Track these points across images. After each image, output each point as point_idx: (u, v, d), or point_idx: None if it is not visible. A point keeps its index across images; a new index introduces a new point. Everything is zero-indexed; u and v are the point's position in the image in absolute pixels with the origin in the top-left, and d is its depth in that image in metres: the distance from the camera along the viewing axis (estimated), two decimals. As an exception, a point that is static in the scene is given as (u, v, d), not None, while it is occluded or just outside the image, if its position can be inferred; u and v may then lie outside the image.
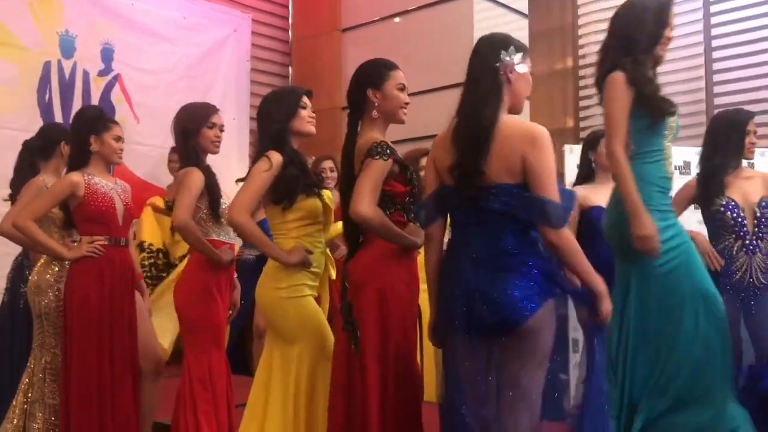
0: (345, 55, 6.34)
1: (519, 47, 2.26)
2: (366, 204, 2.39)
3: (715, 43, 6.55)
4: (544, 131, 2.17)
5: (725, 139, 3.43)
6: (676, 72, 6.73)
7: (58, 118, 4.98)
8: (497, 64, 2.21)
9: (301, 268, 2.75)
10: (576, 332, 3.69)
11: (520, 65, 2.25)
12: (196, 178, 3.09)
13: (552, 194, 2.09)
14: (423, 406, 2.56)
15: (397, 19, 5.97)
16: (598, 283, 2.18)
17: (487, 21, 5.55)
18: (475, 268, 2.15)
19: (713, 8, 6.57)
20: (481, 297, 2.11)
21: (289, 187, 2.76)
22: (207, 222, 3.16)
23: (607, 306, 2.19)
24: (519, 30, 5.78)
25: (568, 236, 2.13)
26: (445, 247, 2.35)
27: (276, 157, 2.73)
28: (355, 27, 6.31)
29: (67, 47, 5.12)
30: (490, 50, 2.24)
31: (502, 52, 2.22)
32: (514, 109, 2.29)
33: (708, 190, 3.40)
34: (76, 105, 5.05)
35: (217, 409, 3.09)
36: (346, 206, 2.54)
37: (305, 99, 2.92)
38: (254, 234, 2.74)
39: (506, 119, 2.20)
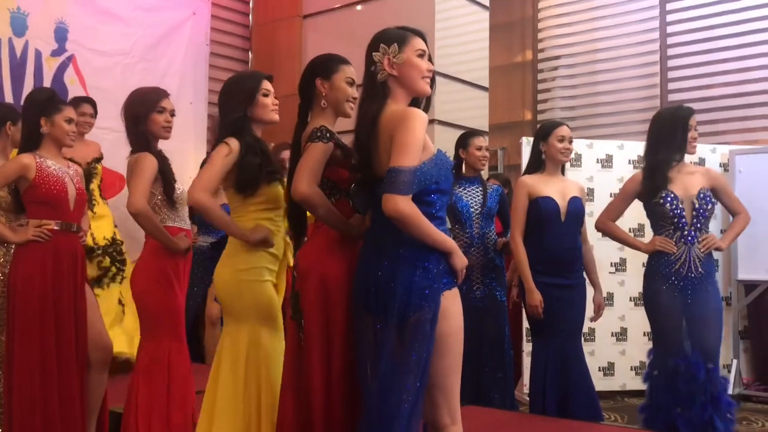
0: (305, 41, 6.30)
1: (392, 39, 2.33)
2: (305, 183, 2.42)
3: (670, 40, 6.68)
4: (414, 111, 2.23)
5: (668, 135, 3.53)
6: (632, 68, 6.85)
7: (8, 98, 4.84)
8: (372, 68, 2.33)
9: (263, 246, 2.76)
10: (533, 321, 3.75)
11: (398, 55, 2.31)
12: (149, 163, 3.04)
13: (400, 162, 2.14)
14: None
15: (359, 7, 5.94)
16: (445, 241, 2.22)
17: (448, 12, 5.57)
18: (376, 255, 2.26)
19: (669, 6, 6.69)
20: (373, 282, 2.22)
21: (251, 176, 2.76)
22: (162, 208, 3.12)
23: (458, 260, 2.23)
24: (479, 22, 5.81)
25: (402, 204, 2.12)
26: None
27: (234, 144, 2.74)
28: (317, 13, 6.27)
29: (19, 25, 4.97)
30: (367, 55, 2.36)
31: (373, 54, 2.33)
32: (415, 94, 2.36)
33: (653, 184, 3.50)
34: (28, 85, 4.92)
35: (174, 397, 3.05)
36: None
37: (267, 85, 2.90)
38: (217, 213, 2.74)
39: (388, 110, 2.29)
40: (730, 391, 4.80)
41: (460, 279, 2.28)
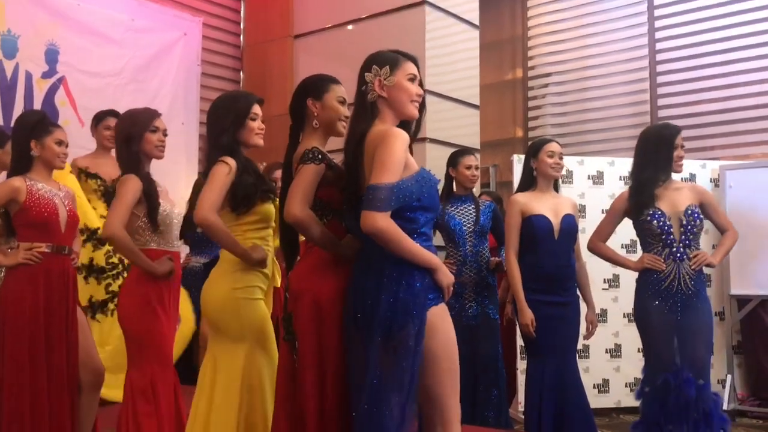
0: (297, 61, 6.31)
1: (385, 61, 2.37)
2: (298, 206, 2.43)
3: (659, 57, 6.74)
4: (395, 130, 2.27)
5: (654, 154, 3.55)
6: (622, 85, 6.90)
7: (-1, 120, 4.84)
8: (363, 88, 2.37)
9: (260, 267, 2.79)
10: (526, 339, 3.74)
11: (389, 78, 2.35)
12: (131, 187, 3.02)
13: (378, 180, 2.16)
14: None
15: (349, 27, 5.97)
16: (427, 257, 2.23)
17: (438, 31, 5.60)
18: (364, 272, 2.28)
19: (657, 23, 6.75)
20: (360, 300, 2.24)
21: (247, 195, 2.78)
22: (145, 231, 3.08)
23: (443, 276, 2.24)
24: (469, 41, 5.84)
25: (380, 221, 2.14)
26: None
27: (232, 162, 2.76)
28: (308, 33, 6.29)
29: (10, 47, 4.97)
30: (359, 75, 2.40)
31: (365, 74, 2.37)
32: (403, 117, 2.40)
33: (639, 202, 3.52)
34: (18, 107, 4.91)
35: (162, 424, 3.01)
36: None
37: (257, 109, 2.91)
38: (224, 232, 2.73)
39: (374, 130, 2.32)
40: (725, 407, 4.80)
41: (447, 295, 2.28)
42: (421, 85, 2.43)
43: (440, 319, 2.25)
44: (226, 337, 2.79)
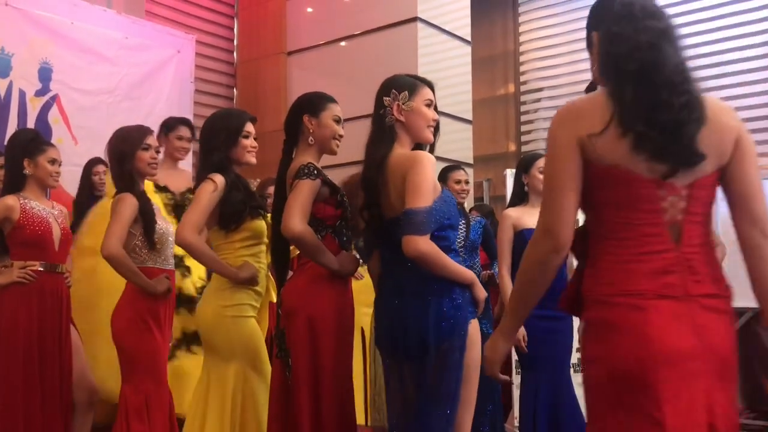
0: (290, 78, 6.34)
1: (403, 86, 2.40)
2: (297, 221, 2.44)
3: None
4: (424, 155, 2.30)
5: None
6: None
7: (-7, 138, 4.84)
8: (381, 111, 2.39)
9: (249, 285, 2.78)
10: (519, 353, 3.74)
11: (408, 103, 2.38)
12: (128, 206, 3.02)
13: (415, 204, 2.19)
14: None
15: (343, 43, 6.00)
16: (465, 273, 2.30)
17: (431, 47, 5.64)
18: (398, 295, 2.31)
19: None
20: (399, 323, 2.27)
21: (235, 212, 2.78)
22: (142, 249, 3.08)
23: (478, 291, 2.31)
24: (462, 56, 5.88)
25: (423, 244, 2.18)
26: None
27: (220, 179, 2.75)
28: (301, 50, 6.33)
29: (3, 66, 4.98)
30: (377, 98, 2.42)
31: (384, 98, 2.40)
32: (418, 140, 2.43)
33: None
34: (12, 125, 4.91)
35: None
36: (277, 231, 2.60)
37: (250, 127, 2.92)
38: (204, 252, 2.74)
39: (396, 153, 2.34)
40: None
41: (481, 308, 2.35)
42: (436, 109, 2.48)
43: (476, 332, 2.32)
44: (217, 356, 2.78)
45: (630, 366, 1.52)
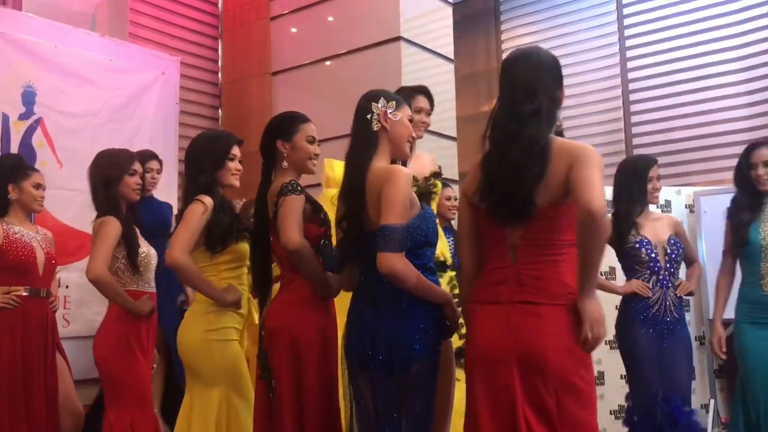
0: (275, 97, 6.35)
1: (390, 98, 2.42)
2: (297, 234, 2.45)
3: (631, 86, 6.86)
4: (400, 169, 2.30)
5: (628, 187, 3.62)
6: (596, 114, 7.00)
7: (-24, 163, 4.80)
8: (368, 116, 2.38)
9: (234, 308, 2.77)
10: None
11: (394, 113, 2.39)
12: (112, 229, 3.03)
13: (390, 220, 2.18)
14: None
15: (327, 63, 6.03)
16: (439, 292, 2.29)
17: (415, 65, 5.67)
18: (372, 310, 2.29)
19: (629, 53, 6.88)
20: (371, 338, 2.25)
21: (223, 233, 2.77)
22: (125, 272, 3.09)
23: (451, 310, 2.30)
24: (445, 74, 5.92)
25: (397, 262, 2.16)
26: None
27: (209, 201, 2.76)
28: (286, 70, 6.34)
29: (-14, 91, 4.96)
30: (363, 105, 2.42)
31: (373, 104, 2.39)
32: (398, 155, 2.44)
33: (620, 231, 3.58)
34: (-5, 150, 4.88)
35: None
36: (258, 252, 2.61)
37: (235, 150, 2.94)
38: (195, 274, 2.73)
39: (375, 166, 2.33)
40: (709, 431, 4.82)
41: (455, 328, 2.33)
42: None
43: (449, 351, 2.34)
44: (200, 381, 2.77)
45: (468, 352, 2.07)
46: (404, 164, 2.51)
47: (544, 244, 2.01)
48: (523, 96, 2.09)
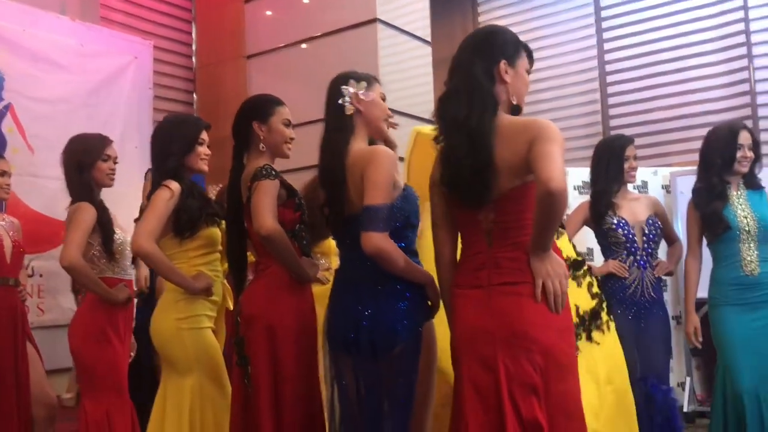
0: (250, 81, 6.28)
1: (361, 78, 2.38)
2: (270, 219, 2.41)
3: (608, 68, 6.87)
4: (383, 149, 2.28)
5: (605, 166, 3.63)
6: (574, 96, 7.02)
7: (-56, 151, 4.70)
8: (340, 101, 2.34)
9: (204, 295, 2.73)
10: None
11: (366, 93, 2.36)
12: (86, 215, 2.98)
13: (374, 200, 2.16)
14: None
15: (303, 46, 5.97)
16: (423, 275, 2.27)
17: (392, 48, 5.63)
18: (354, 294, 2.26)
19: (605, 34, 6.89)
20: (353, 321, 2.23)
21: (191, 218, 2.73)
22: (100, 259, 3.04)
23: (433, 291, 2.28)
24: (422, 57, 5.89)
25: (382, 241, 2.15)
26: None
27: (176, 186, 2.71)
28: (261, 53, 6.27)
29: (-46, 77, 4.85)
30: (334, 89, 2.38)
31: (343, 87, 2.35)
32: (375, 135, 2.42)
33: (598, 211, 3.59)
34: (-36, 137, 4.79)
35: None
36: (233, 236, 2.59)
37: (204, 135, 2.89)
38: (163, 261, 2.69)
39: (354, 149, 2.31)
40: (685, 409, 4.89)
41: (437, 308, 2.30)
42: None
43: (430, 334, 2.29)
44: (174, 369, 2.74)
45: (452, 337, 2.08)
46: (387, 144, 2.49)
47: (517, 226, 2.00)
48: (459, 79, 2.09)
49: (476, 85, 2.05)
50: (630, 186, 3.78)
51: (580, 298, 2.88)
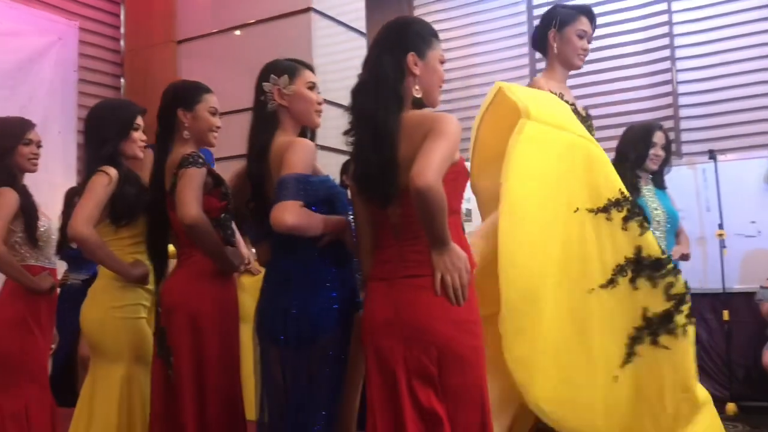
0: (180, 67, 6.13)
1: (283, 70, 2.35)
2: (195, 208, 2.37)
3: (539, 66, 6.99)
4: (302, 140, 2.27)
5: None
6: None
7: None
8: (262, 98, 2.32)
9: (141, 283, 2.70)
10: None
11: (289, 87, 2.33)
12: (9, 200, 2.89)
13: (285, 173, 2.14)
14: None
15: (237, 32, 5.87)
16: (336, 222, 2.24)
17: (327, 38, 5.60)
18: (282, 284, 2.24)
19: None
20: (282, 311, 2.21)
21: (129, 206, 2.68)
22: (23, 246, 2.95)
23: (348, 237, 2.26)
24: (357, 49, 5.86)
25: (291, 208, 2.08)
26: None
27: (114, 172, 2.66)
28: (192, 39, 6.13)
29: None
30: (257, 85, 2.35)
31: (264, 84, 2.33)
32: (305, 124, 2.40)
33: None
34: None
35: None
36: (154, 225, 2.57)
37: (140, 120, 2.84)
38: (101, 247, 2.62)
39: (278, 140, 2.29)
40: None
41: (354, 255, 2.27)
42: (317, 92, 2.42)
43: (358, 324, 2.26)
44: (103, 358, 2.68)
45: (361, 327, 2.10)
46: (313, 133, 2.46)
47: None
48: (368, 72, 2.11)
49: (383, 79, 2.05)
50: None
51: (652, 299, 2.51)
